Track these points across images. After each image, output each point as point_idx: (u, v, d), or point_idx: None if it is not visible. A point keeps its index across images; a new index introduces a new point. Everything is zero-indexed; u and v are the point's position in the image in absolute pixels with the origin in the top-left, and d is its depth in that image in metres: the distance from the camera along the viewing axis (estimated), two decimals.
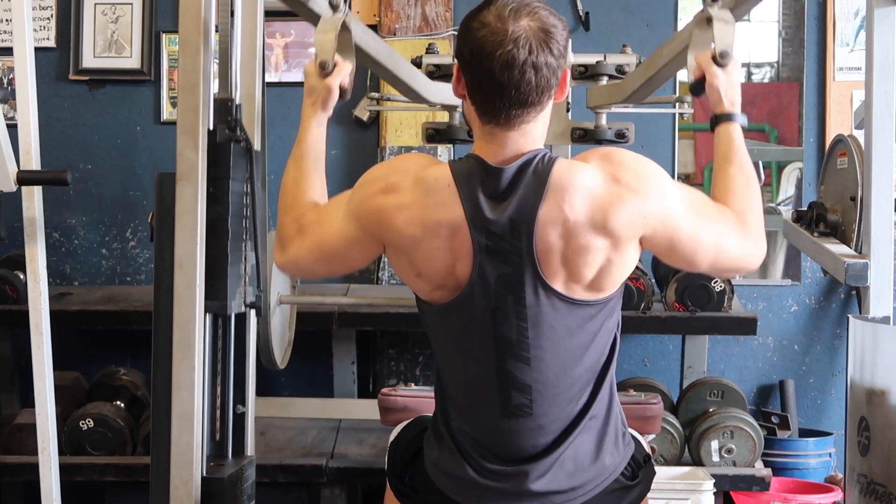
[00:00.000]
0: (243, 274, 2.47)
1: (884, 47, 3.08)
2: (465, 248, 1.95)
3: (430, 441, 2.15)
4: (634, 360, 4.55)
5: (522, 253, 1.93)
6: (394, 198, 2.00)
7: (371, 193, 2.03)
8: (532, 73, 1.90)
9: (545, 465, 2.03)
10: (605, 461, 2.06)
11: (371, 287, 4.40)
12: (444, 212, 1.95)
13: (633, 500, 2.14)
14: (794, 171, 4.62)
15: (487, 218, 1.93)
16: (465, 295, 1.98)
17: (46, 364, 3.02)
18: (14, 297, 3.91)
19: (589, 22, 4.52)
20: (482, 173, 1.96)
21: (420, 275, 2.02)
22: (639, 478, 2.15)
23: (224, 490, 2.39)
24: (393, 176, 2.02)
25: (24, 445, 3.66)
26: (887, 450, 2.84)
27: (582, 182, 1.93)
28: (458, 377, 2.07)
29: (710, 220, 2.01)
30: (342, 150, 4.57)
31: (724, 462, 3.65)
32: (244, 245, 2.48)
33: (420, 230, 1.97)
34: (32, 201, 3.03)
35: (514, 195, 1.93)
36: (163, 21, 4.59)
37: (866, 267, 3.12)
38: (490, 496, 2.04)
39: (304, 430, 3.94)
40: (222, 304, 2.38)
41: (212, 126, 2.38)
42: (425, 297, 2.06)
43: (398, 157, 2.20)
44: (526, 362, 1.99)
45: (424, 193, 1.97)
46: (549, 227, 1.92)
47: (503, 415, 2.02)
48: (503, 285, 1.96)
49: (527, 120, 1.96)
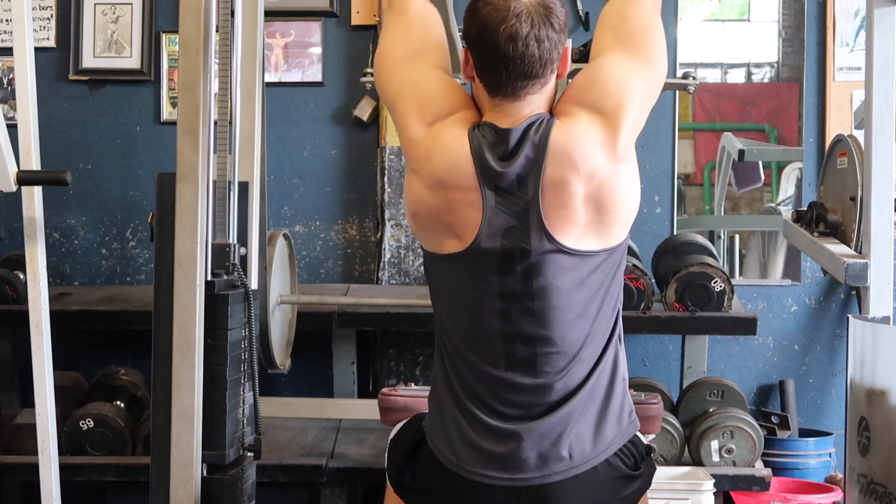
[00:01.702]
0: (241, 418, 2.50)
1: (884, 47, 3.08)
2: (475, 201, 2.06)
3: (431, 414, 2.19)
4: (634, 360, 4.55)
5: (529, 206, 2.05)
6: (417, 127, 2.13)
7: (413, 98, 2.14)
8: (535, 46, 2.04)
9: (545, 427, 2.05)
10: (605, 433, 2.10)
11: (371, 287, 4.40)
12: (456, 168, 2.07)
13: (633, 493, 2.15)
14: (794, 171, 4.61)
15: (496, 172, 2.06)
16: (473, 246, 2.07)
17: (46, 364, 3.02)
18: (14, 297, 3.91)
19: (589, 22, 4.52)
20: (492, 135, 2.09)
21: (416, 214, 2.12)
22: (641, 470, 2.16)
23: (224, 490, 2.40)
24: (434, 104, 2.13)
25: (24, 445, 3.66)
26: (887, 450, 2.84)
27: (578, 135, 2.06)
28: (463, 330, 2.12)
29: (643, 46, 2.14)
30: (342, 150, 4.57)
31: (724, 462, 3.65)
32: (242, 389, 2.50)
33: (426, 170, 2.10)
34: (32, 201, 3.02)
35: (520, 153, 2.06)
36: (163, 21, 4.59)
37: (866, 267, 3.12)
38: (489, 463, 2.07)
39: (304, 430, 3.94)
40: (220, 455, 2.43)
41: (209, 275, 2.39)
42: (433, 248, 2.14)
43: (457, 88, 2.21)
44: (530, 314, 2.07)
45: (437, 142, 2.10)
46: (554, 182, 2.04)
47: (507, 367, 2.08)
48: (510, 237, 2.06)
49: (531, 91, 2.09)
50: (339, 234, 4.57)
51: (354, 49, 4.56)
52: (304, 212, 4.57)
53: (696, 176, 4.65)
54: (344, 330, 4.12)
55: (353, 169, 4.55)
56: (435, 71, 2.18)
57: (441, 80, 2.17)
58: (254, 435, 2.55)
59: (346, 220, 4.57)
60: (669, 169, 4.52)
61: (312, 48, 4.58)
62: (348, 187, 4.57)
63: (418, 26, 2.21)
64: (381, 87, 2.22)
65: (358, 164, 4.55)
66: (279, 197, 4.52)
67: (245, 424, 2.52)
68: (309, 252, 4.57)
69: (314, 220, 4.58)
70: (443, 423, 2.14)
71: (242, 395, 2.51)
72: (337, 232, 4.57)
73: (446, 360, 2.16)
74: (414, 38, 2.20)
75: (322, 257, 4.57)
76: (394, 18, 2.24)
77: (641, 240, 4.39)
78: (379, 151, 4.50)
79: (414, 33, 2.21)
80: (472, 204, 2.07)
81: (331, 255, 4.58)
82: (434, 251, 2.15)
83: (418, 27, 2.21)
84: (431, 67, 2.18)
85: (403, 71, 2.17)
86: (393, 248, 4.45)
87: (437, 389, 2.19)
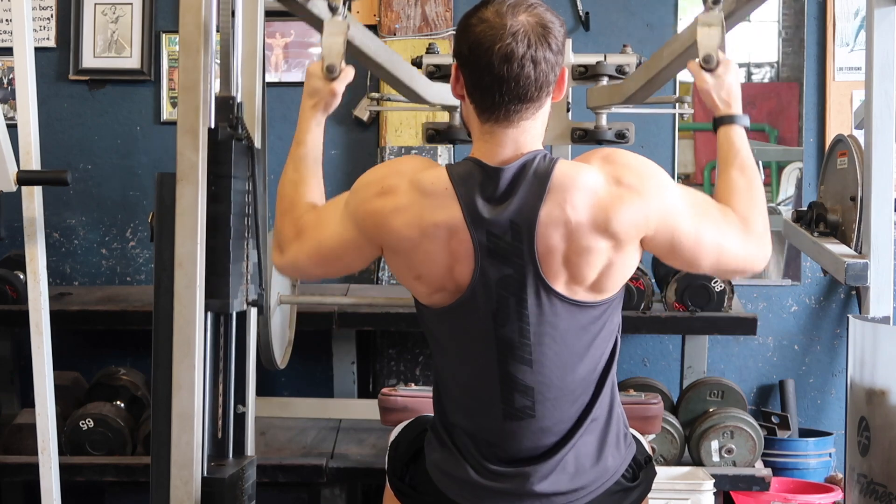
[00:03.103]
0: (245, 272, 2.48)
1: (884, 47, 3.08)
2: (466, 250, 1.95)
3: (430, 442, 2.15)
4: (634, 360, 4.55)
5: (524, 254, 1.93)
6: (390, 200, 1.99)
7: (367, 197, 2.03)
8: (531, 67, 1.92)
9: (548, 467, 2.03)
10: (606, 462, 2.06)
11: (371, 287, 4.40)
12: (441, 213, 1.95)
13: (634, 501, 2.14)
14: (794, 171, 4.62)
15: (486, 219, 1.93)
16: (466, 297, 1.98)
17: (46, 364, 3.02)
18: (14, 297, 3.91)
19: (589, 22, 4.52)
20: (480, 175, 1.96)
21: (418, 277, 2.02)
22: (639, 479, 2.15)
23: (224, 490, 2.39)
24: (389, 179, 2.02)
25: (24, 445, 3.66)
26: (887, 450, 2.84)
27: (583, 183, 1.93)
28: (459, 380, 2.07)
29: (713, 221, 2.01)
30: (342, 150, 4.57)
31: (724, 462, 3.65)
32: (246, 243, 2.48)
33: (417, 232, 1.97)
34: (32, 201, 3.02)
35: (514, 196, 1.93)
36: (163, 21, 4.59)
37: (866, 267, 3.12)
38: (491, 497, 2.04)
39: (304, 430, 3.94)
40: (224, 303, 2.39)
41: (213, 124, 2.38)
42: (424, 300, 2.06)
43: (395, 159, 2.20)
44: (528, 364, 1.99)
45: (421, 196, 1.97)
46: (550, 228, 1.92)
47: (505, 417, 2.02)
48: (504, 287, 1.95)
49: (525, 117, 1.97)
50: None
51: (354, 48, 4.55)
52: None
53: (696, 176, 4.65)
54: (344, 330, 4.12)
55: (353, 169, 4.55)
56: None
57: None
58: (258, 290, 2.52)
59: None
60: (669, 169, 4.52)
61: (312, 48, 4.58)
62: (348, 187, 4.53)
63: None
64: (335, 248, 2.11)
65: (358, 164, 4.55)
66: None
67: (249, 281, 2.49)
68: None
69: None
70: (441, 452, 2.10)
71: (246, 249, 2.48)
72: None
73: (445, 399, 2.10)
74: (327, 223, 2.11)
75: None
76: (301, 243, 2.15)
77: None
78: (379, 151, 4.50)
79: (326, 215, 2.12)
80: (463, 252, 1.95)
81: None
82: (428, 304, 2.05)
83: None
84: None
85: (336, 215, 2.09)
86: None
87: (437, 425, 2.13)
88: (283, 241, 2.18)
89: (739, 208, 2.05)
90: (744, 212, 2.04)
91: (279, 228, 2.19)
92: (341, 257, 2.12)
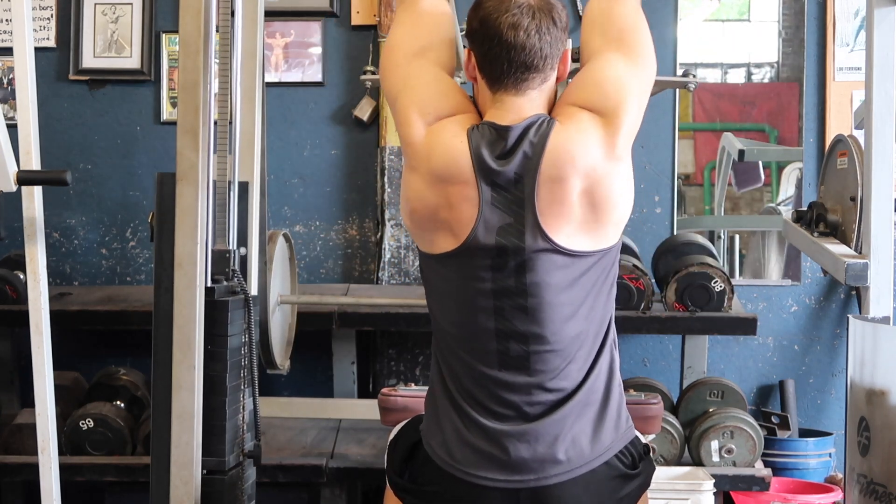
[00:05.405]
0: (241, 424, 2.50)
1: (884, 47, 3.08)
2: (472, 198, 2.07)
3: (427, 416, 2.19)
4: (634, 360, 4.55)
5: (524, 204, 2.06)
6: (417, 129, 2.13)
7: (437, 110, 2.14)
8: (536, 37, 2.07)
9: (541, 430, 2.05)
10: (602, 437, 2.10)
11: (371, 287, 4.40)
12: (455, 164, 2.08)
13: (633, 492, 2.15)
14: (794, 171, 4.61)
15: (493, 170, 2.07)
16: (467, 242, 2.08)
17: (46, 364, 3.02)
18: (14, 297, 3.91)
19: None
20: (491, 133, 2.10)
21: (413, 211, 2.13)
22: (639, 468, 2.16)
23: (224, 490, 2.40)
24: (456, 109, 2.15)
25: (24, 445, 3.66)
26: (887, 450, 2.84)
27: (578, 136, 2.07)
28: (457, 329, 2.13)
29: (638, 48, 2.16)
30: (342, 150, 4.57)
31: (724, 462, 3.65)
32: (242, 395, 2.50)
33: (426, 167, 2.11)
34: (32, 201, 3.02)
35: (518, 151, 2.07)
36: (163, 21, 4.59)
37: (866, 267, 3.12)
38: (485, 464, 2.07)
39: (304, 430, 3.94)
40: (220, 461, 2.44)
41: (209, 281, 2.39)
42: (428, 247, 2.15)
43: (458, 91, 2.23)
44: (523, 311, 2.08)
45: (451, 140, 2.10)
46: (550, 180, 2.05)
47: (501, 365, 2.09)
48: (504, 234, 2.07)
49: (532, 86, 2.11)
50: (339, 235, 4.57)
51: (354, 49, 4.56)
52: (304, 212, 4.57)
53: (696, 176, 4.65)
54: (344, 330, 4.12)
55: (353, 169, 4.55)
56: (439, 71, 2.18)
57: (444, 81, 2.18)
58: (254, 441, 2.55)
59: (346, 221, 4.57)
60: (669, 169, 4.52)
61: (312, 48, 4.58)
62: (348, 187, 4.57)
63: (428, 22, 2.22)
64: (384, 80, 2.23)
65: (358, 164, 4.55)
66: (279, 197, 4.52)
67: (245, 430, 2.52)
68: (309, 252, 4.57)
69: (314, 221, 4.58)
70: (438, 425, 2.14)
71: (242, 400, 2.51)
72: (337, 232, 4.57)
73: (441, 361, 2.17)
74: (423, 34, 2.21)
75: (322, 257, 4.57)
76: (405, 12, 2.26)
77: (641, 240, 4.39)
78: (379, 151, 4.50)
79: (423, 29, 2.22)
80: (468, 200, 2.08)
81: (331, 255, 4.58)
82: (429, 251, 2.15)
83: (428, 23, 2.22)
84: (436, 67, 2.18)
85: (409, 68, 2.18)
86: (393, 248, 4.45)
87: (433, 390, 2.20)
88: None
89: None
90: None
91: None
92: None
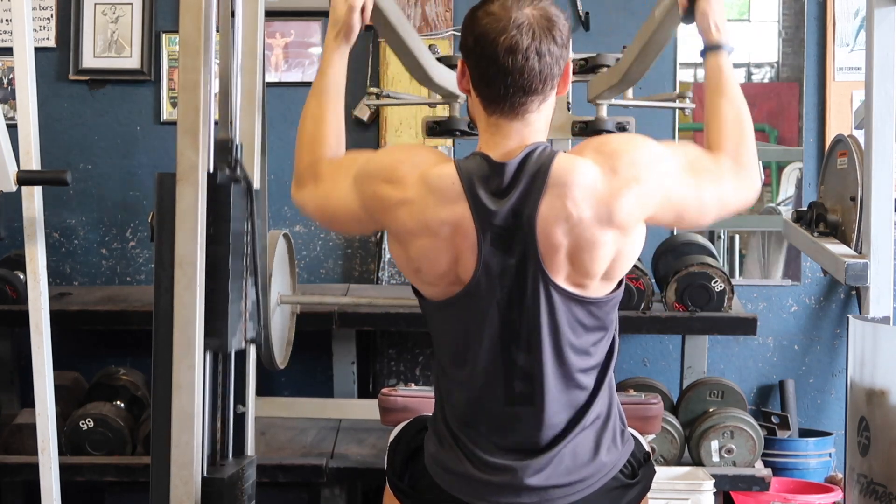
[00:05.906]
0: (244, 311, 2.50)
1: (884, 47, 3.08)
2: (470, 244, 1.97)
3: (430, 438, 2.16)
4: (634, 360, 4.55)
5: (526, 245, 1.96)
6: (398, 191, 2.01)
7: (377, 179, 2.04)
8: (535, 60, 1.94)
9: (544, 460, 2.04)
10: (603, 458, 2.07)
11: (371, 287, 4.40)
12: (447, 210, 1.97)
13: (633, 499, 2.15)
14: (794, 171, 4.61)
15: (491, 211, 1.95)
16: (470, 288, 2.00)
17: (46, 364, 3.02)
18: (14, 297, 3.91)
19: (589, 22, 4.52)
20: (486, 169, 1.98)
21: (418, 270, 2.04)
22: (638, 476, 2.15)
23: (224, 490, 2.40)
24: (401, 167, 2.03)
25: (24, 445, 3.66)
26: (887, 450, 2.84)
27: (581, 178, 1.95)
28: (463, 369, 2.08)
29: (709, 175, 2.04)
30: None
31: (724, 462, 3.65)
32: (244, 283, 2.50)
33: (420, 227, 1.99)
34: (32, 201, 3.02)
35: (516, 188, 1.96)
36: (163, 21, 4.59)
37: (866, 267, 3.12)
38: (489, 491, 2.05)
39: (304, 430, 3.94)
40: (222, 342, 2.42)
41: (212, 168, 2.39)
42: (426, 292, 2.08)
43: (412, 147, 2.21)
44: (528, 351, 2.01)
45: (428, 191, 1.98)
46: (551, 222, 1.95)
47: (507, 402, 2.04)
48: (507, 276, 1.98)
49: (530, 109, 1.99)
50: (339, 235, 4.57)
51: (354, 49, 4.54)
52: None
53: None
54: (344, 330, 4.12)
55: None
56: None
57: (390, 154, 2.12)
58: (256, 328, 2.54)
59: None
60: None
61: (312, 48, 4.58)
62: None
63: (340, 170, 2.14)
64: (339, 211, 2.12)
65: None
66: (279, 197, 4.51)
67: (248, 319, 2.51)
68: (309, 252, 4.57)
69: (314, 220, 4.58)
70: (442, 454, 2.11)
71: (245, 288, 2.50)
72: (337, 232, 4.57)
73: (451, 395, 2.12)
74: (342, 173, 2.13)
75: (322, 257, 4.57)
76: (314, 189, 2.18)
77: None
78: None
79: (340, 174, 2.13)
80: (467, 246, 1.97)
81: (331, 255, 4.58)
82: (431, 298, 2.07)
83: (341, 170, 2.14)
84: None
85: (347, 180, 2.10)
86: None
87: (436, 420, 2.15)
88: (301, 179, 2.22)
89: (729, 144, 2.08)
90: (734, 147, 2.08)
91: (297, 162, 2.23)
92: (344, 222, 2.17)
